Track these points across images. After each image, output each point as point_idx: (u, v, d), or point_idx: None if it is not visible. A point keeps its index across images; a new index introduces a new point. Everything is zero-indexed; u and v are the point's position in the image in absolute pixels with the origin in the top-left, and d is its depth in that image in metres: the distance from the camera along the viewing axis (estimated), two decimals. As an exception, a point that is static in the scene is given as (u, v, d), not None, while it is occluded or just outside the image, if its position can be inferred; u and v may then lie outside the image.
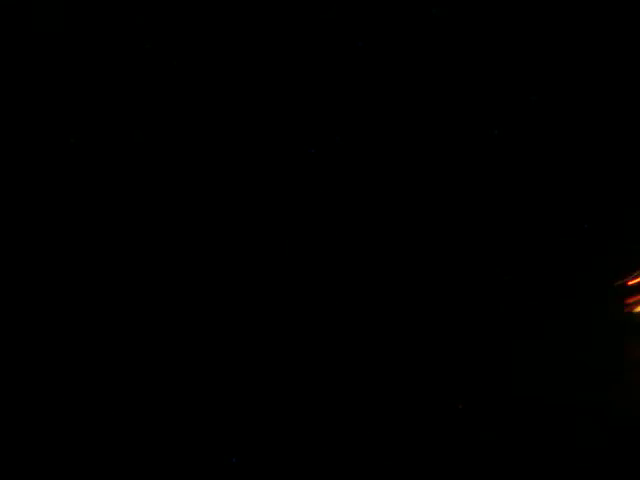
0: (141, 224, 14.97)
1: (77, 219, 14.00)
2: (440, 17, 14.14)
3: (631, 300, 13.09)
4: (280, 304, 16.09)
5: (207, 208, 16.21)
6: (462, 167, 17.39)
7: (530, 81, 15.18)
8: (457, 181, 17.50)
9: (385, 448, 6.71)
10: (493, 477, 6.25)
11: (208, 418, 8.79)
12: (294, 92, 15.74)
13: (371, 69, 15.06)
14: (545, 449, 6.37)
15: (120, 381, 10.55)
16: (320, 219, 16.92)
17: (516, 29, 14.40)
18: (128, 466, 6.83)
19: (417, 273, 15.12)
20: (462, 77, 15.35)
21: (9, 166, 13.13)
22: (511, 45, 14.71)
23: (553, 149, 16.63)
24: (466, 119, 16.21)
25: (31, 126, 13.52)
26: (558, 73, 15.03)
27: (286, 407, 9.72)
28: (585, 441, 6.43)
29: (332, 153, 16.81)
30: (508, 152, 16.97)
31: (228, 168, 16.31)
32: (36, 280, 12.68)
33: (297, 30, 14.55)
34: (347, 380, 10.90)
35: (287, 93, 15.75)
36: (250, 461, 6.94)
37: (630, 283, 13.34)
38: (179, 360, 11.98)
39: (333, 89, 15.68)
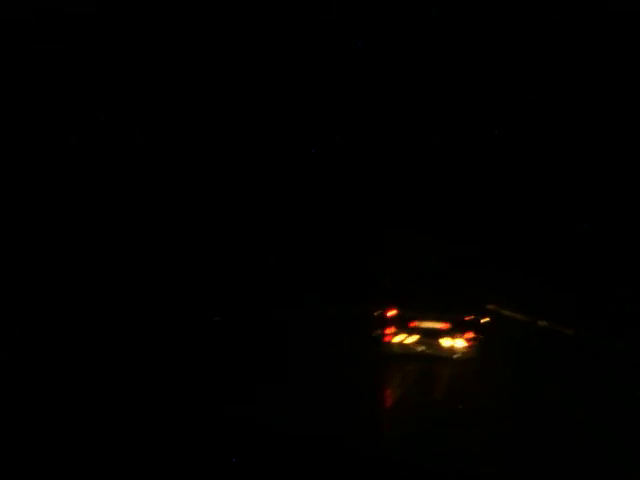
0: (141, 223, 14.95)
1: (76, 217, 13.98)
2: (439, 17, 14.11)
3: (387, 329, 13.77)
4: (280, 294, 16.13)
5: (207, 206, 16.19)
6: (462, 166, 17.34)
7: (530, 81, 15.16)
8: (456, 179, 17.45)
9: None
10: None
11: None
12: (295, 92, 15.71)
13: (371, 69, 15.03)
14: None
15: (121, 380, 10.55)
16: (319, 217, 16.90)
17: (516, 30, 14.36)
18: (130, 466, 6.90)
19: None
20: (462, 77, 15.31)
21: (10, 165, 13.11)
22: (511, 45, 14.68)
23: (552, 149, 16.59)
24: (466, 119, 16.18)
25: (32, 126, 13.50)
26: (557, 73, 15.01)
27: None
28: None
29: (332, 153, 16.79)
30: (508, 152, 16.95)
31: (229, 167, 16.28)
32: (36, 278, 12.66)
33: (297, 30, 14.52)
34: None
35: (288, 93, 15.72)
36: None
37: (388, 315, 13.93)
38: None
39: (333, 89, 15.65)
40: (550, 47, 14.59)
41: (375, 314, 14.35)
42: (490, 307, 16.50)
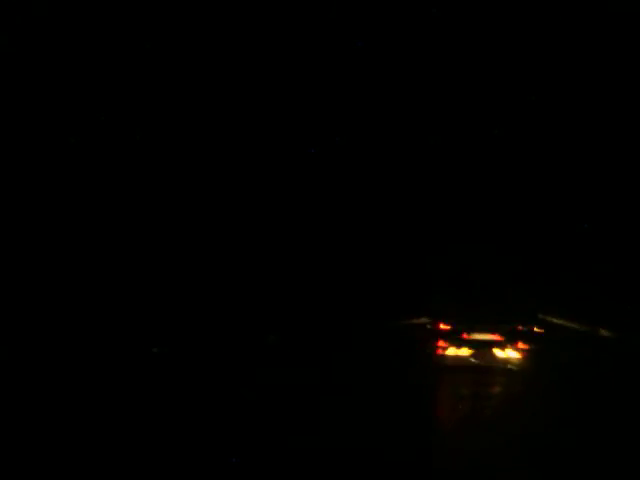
0: (141, 224, 14.94)
1: (76, 217, 13.97)
2: (439, 17, 14.11)
3: (439, 342, 13.65)
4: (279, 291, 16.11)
5: (208, 207, 16.18)
6: (461, 166, 17.33)
7: (530, 81, 15.16)
8: (456, 179, 17.43)
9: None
10: None
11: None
12: (295, 92, 15.70)
13: (371, 69, 15.03)
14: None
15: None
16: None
17: (516, 30, 14.36)
18: (131, 466, 6.92)
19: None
20: (462, 77, 15.31)
21: (10, 165, 13.11)
22: (511, 45, 14.67)
23: (552, 149, 16.57)
24: (466, 119, 16.17)
25: (32, 126, 13.49)
26: (557, 74, 15.00)
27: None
28: None
29: (332, 153, 16.79)
30: (508, 152, 16.94)
31: (229, 167, 16.27)
32: (36, 278, 12.65)
33: (297, 30, 14.51)
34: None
35: (288, 93, 15.72)
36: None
37: (441, 327, 13.84)
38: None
39: (333, 89, 15.65)
40: (550, 47, 14.59)
41: (426, 327, 14.26)
42: (543, 317, 16.21)
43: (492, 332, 13.77)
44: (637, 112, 14.99)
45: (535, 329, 14.26)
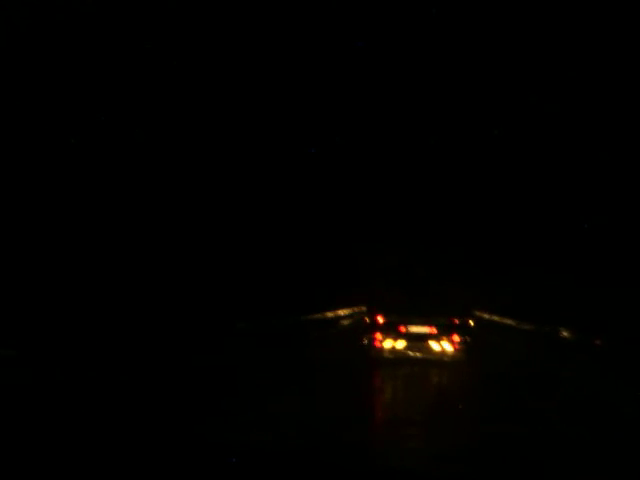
0: (141, 224, 14.95)
1: (77, 217, 13.99)
2: (439, 17, 14.12)
3: (376, 335, 13.93)
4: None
5: (208, 207, 16.20)
6: (460, 166, 17.33)
7: (530, 81, 15.17)
8: (455, 180, 17.44)
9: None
10: None
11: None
12: (295, 92, 15.71)
13: (372, 69, 15.04)
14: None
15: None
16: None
17: (516, 30, 14.36)
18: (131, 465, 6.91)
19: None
20: (462, 77, 15.31)
21: (10, 165, 13.12)
22: (511, 45, 14.68)
23: (552, 149, 16.57)
24: (466, 119, 16.17)
25: (32, 127, 13.51)
26: (557, 74, 15.01)
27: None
28: None
29: (332, 153, 16.80)
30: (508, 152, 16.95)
31: (229, 167, 16.27)
32: (36, 278, 12.67)
33: (298, 30, 14.53)
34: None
35: (288, 93, 15.72)
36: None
37: (376, 320, 14.09)
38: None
39: (333, 89, 15.65)
40: (550, 47, 14.61)
41: (363, 320, 14.62)
42: (476, 312, 16.68)
43: (428, 325, 14.09)
44: (637, 112, 15.00)
45: (469, 323, 14.71)
